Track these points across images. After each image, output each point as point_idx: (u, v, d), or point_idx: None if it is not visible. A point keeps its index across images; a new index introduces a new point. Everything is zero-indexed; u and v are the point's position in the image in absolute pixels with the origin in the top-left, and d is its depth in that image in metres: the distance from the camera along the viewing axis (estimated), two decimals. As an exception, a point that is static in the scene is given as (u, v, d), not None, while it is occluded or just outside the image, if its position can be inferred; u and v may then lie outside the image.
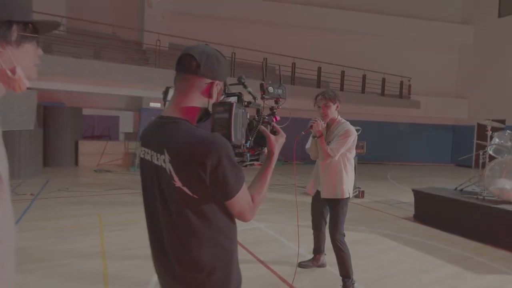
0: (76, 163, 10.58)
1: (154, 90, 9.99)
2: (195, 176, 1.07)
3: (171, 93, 7.72)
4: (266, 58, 11.47)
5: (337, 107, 2.96)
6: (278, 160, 13.01)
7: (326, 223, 3.21)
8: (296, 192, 7.62)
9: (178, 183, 1.09)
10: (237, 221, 1.24)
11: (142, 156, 1.26)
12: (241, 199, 1.14)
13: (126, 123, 12.47)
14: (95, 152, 10.72)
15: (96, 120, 12.15)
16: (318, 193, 3.13)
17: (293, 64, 12.08)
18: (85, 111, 11.63)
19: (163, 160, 1.13)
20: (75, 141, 10.53)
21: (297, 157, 13.22)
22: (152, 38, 10.47)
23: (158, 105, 11.54)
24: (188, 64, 1.17)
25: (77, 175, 9.34)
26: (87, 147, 10.64)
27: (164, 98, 7.49)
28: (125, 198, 6.53)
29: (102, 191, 7.09)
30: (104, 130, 12.34)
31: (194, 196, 1.09)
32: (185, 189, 1.09)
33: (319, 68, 12.64)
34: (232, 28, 13.77)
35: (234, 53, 10.80)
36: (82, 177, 8.97)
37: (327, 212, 3.17)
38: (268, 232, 4.79)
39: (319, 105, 2.93)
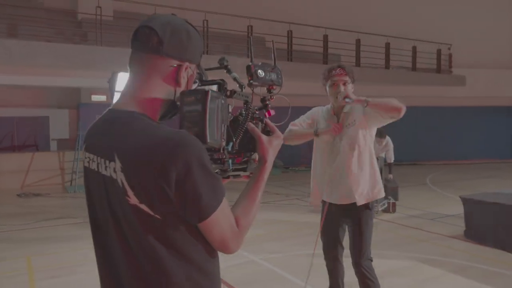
0: (-9, 185, 10.45)
1: (96, 78, 9.88)
2: (156, 190, 1.08)
3: (120, 80, 7.77)
4: (251, 26, 11.52)
5: (352, 88, 3.05)
6: (276, 166, 13.07)
7: (343, 248, 3.26)
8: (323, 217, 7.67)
9: (133, 200, 1.11)
10: (220, 253, 1.25)
11: (86, 164, 1.27)
12: (220, 220, 1.15)
13: (59, 125, 12.35)
14: (17, 169, 10.58)
15: (16, 124, 12.00)
16: (330, 206, 3.16)
17: (289, 33, 12.14)
18: (0, 112, 11.47)
19: (113, 169, 1.14)
20: (-13, 154, 10.43)
21: (301, 160, 13.30)
22: (90, 4, 10.40)
23: (103, 98, 11.47)
24: (147, 40, 1.19)
25: (-7, 202, 9.23)
26: (5, 163, 10.48)
27: (111, 88, 7.51)
28: (64, 231, 6.48)
29: (31, 223, 7.02)
30: (28, 137, 12.20)
31: (156, 216, 1.11)
32: (143, 207, 1.10)
33: (325, 37, 12.74)
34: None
35: (206, 21, 10.82)
36: (0, 205, 8.85)
37: (344, 233, 3.22)
38: (266, 267, 4.82)
39: (336, 81, 2.96)
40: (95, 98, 11.70)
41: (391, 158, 7.90)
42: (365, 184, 3.02)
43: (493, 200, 5.56)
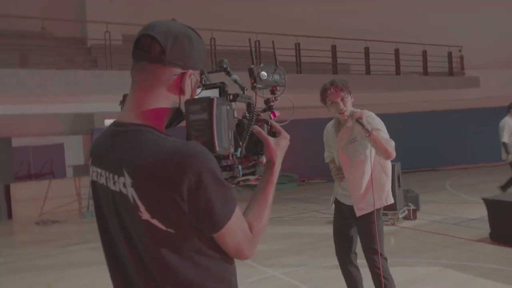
0: (10, 215, 10.52)
1: (108, 102, 10.03)
2: (168, 203, 1.08)
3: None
4: (259, 41, 11.61)
5: (352, 98, 3.15)
6: (291, 181, 13.01)
7: (356, 254, 3.29)
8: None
9: (145, 215, 1.11)
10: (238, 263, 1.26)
11: (94, 179, 1.27)
12: (234, 229, 1.16)
13: (74, 152, 12.47)
14: (35, 197, 10.68)
15: (31, 152, 12.15)
16: (342, 206, 3.29)
17: (297, 45, 12.20)
18: (15, 142, 11.63)
19: (122, 184, 1.14)
20: (4, 185, 10.50)
21: (317, 173, 13.22)
22: (99, 30, 10.59)
23: (115, 122, 11.58)
24: (149, 50, 1.18)
25: (12, 231, 9.29)
26: (22, 192, 10.60)
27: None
28: (84, 255, 6.49)
29: (50, 250, 7.07)
30: (44, 165, 12.33)
31: (169, 230, 1.11)
32: (155, 222, 1.11)
33: (333, 47, 12.77)
34: (208, 5, 13.97)
35: (214, 39, 10.94)
36: (19, 234, 8.93)
37: (355, 236, 3.27)
38: (288, 281, 4.77)
39: (334, 99, 3.07)
40: (108, 122, 11.79)
41: None
42: (368, 196, 3.08)
43: (517, 200, 5.47)
